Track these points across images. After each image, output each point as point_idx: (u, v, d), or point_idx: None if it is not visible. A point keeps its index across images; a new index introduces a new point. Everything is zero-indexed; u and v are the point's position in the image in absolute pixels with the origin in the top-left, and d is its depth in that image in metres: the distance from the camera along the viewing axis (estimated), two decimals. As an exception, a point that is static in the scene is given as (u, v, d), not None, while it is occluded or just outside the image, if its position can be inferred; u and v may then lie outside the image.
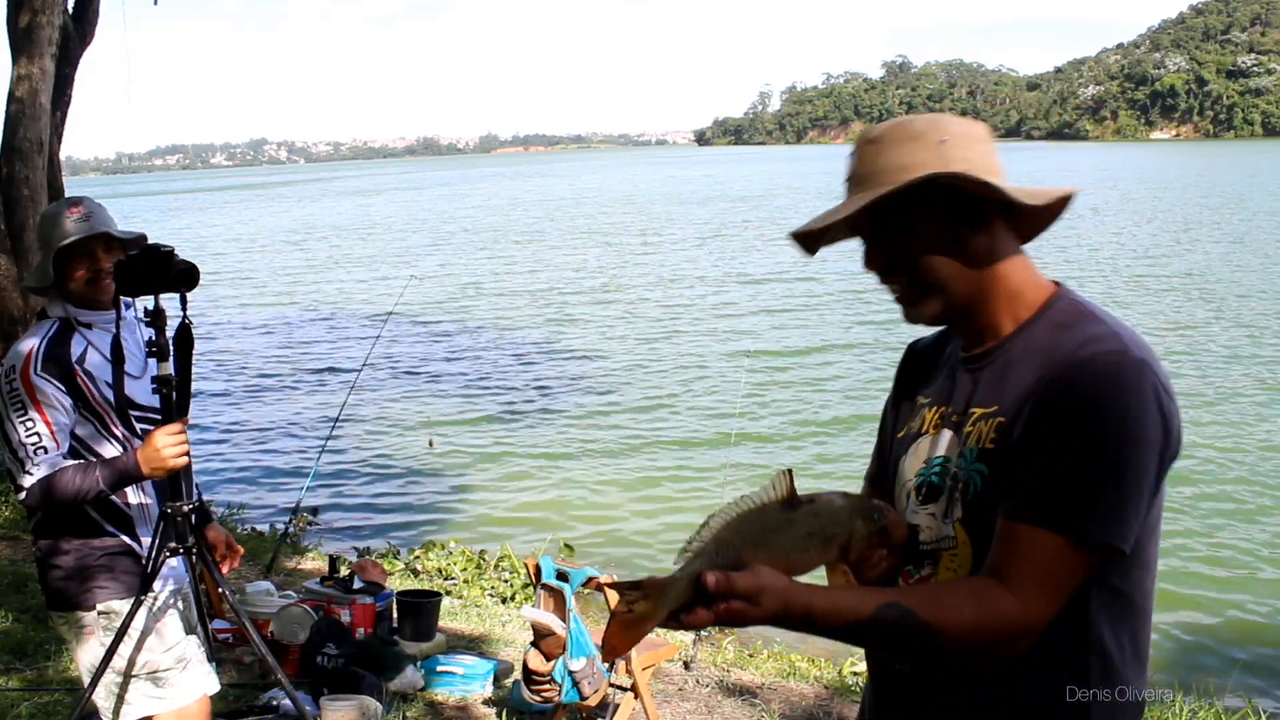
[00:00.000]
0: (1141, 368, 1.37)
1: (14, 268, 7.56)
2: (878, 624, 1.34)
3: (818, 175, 69.32)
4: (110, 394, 2.77)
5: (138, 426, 2.81)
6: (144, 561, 2.79)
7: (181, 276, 2.76)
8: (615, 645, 1.32)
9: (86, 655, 2.81)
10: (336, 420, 7.44)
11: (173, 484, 2.79)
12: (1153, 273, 22.05)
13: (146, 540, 2.81)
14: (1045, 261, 20.73)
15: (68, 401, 2.71)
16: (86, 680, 2.82)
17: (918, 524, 1.53)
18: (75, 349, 2.76)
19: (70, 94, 8.69)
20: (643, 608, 1.28)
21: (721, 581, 1.26)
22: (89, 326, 2.81)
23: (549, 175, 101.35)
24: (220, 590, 2.98)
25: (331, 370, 14.97)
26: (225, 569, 2.98)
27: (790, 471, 1.38)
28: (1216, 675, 6.04)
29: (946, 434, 1.52)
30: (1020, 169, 76.47)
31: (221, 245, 35.12)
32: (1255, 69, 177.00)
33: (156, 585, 2.78)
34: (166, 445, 2.68)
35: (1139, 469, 1.35)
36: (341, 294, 22.84)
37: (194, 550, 2.83)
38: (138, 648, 2.75)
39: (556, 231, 37.31)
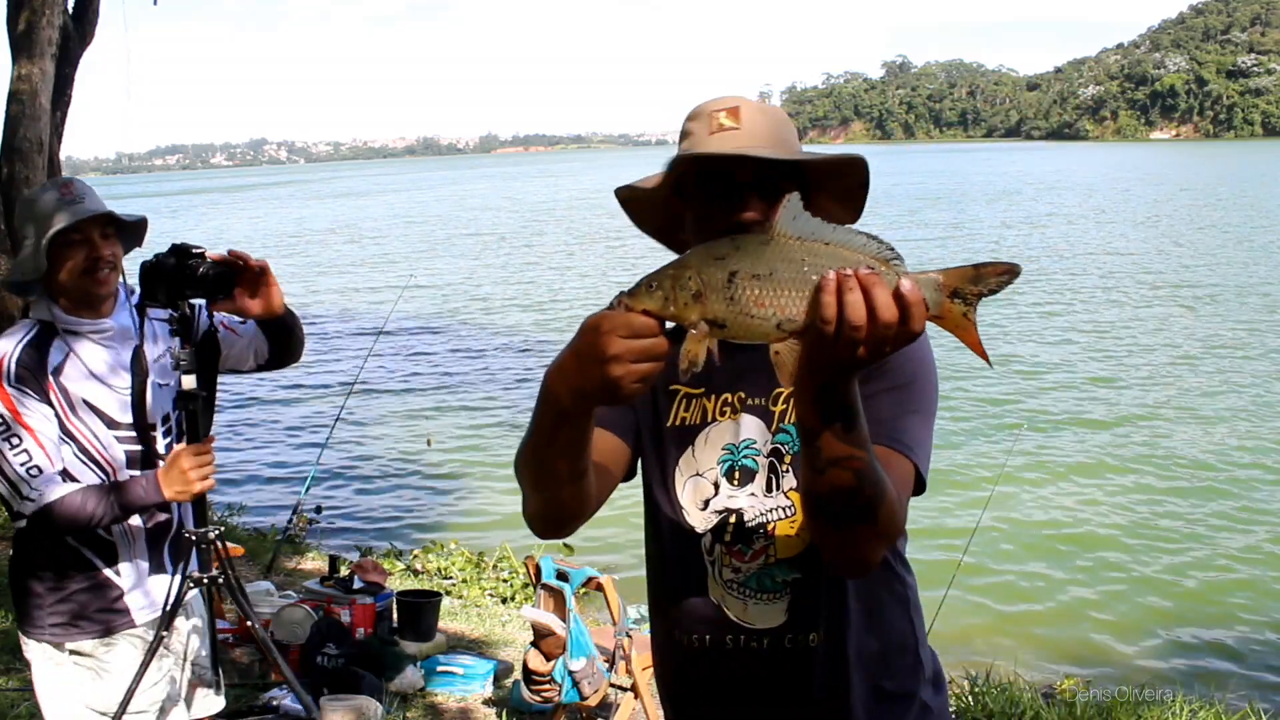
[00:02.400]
0: None
1: (14, 268, 7.55)
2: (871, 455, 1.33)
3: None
4: (89, 415, 2.44)
5: (122, 448, 2.49)
6: (120, 593, 2.54)
7: (217, 281, 2.50)
8: None
9: (48, 691, 2.58)
10: (336, 420, 7.43)
11: (196, 509, 2.57)
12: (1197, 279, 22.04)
13: (126, 568, 2.53)
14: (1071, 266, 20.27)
15: (49, 412, 2.38)
16: (46, 715, 2.61)
17: (739, 506, 1.60)
18: (53, 358, 2.41)
19: (70, 94, 8.68)
20: None
21: None
22: (74, 334, 2.46)
23: (550, 176, 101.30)
24: (250, 624, 2.75)
25: (331, 369, 14.96)
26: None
27: None
28: (1217, 675, 6.05)
29: (748, 419, 1.61)
30: (1021, 169, 76.41)
31: (221, 246, 35.03)
32: (1255, 69, 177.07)
33: (141, 620, 2.56)
34: (193, 467, 2.41)
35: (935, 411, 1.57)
36: (341, 294, 22.83)
37: (219, 580, 2.62)
38: (125, 698, 2.50)
39: (560, 233, 37.29)
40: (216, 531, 2.62)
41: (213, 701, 2.82)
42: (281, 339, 2.72)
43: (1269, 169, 64.87)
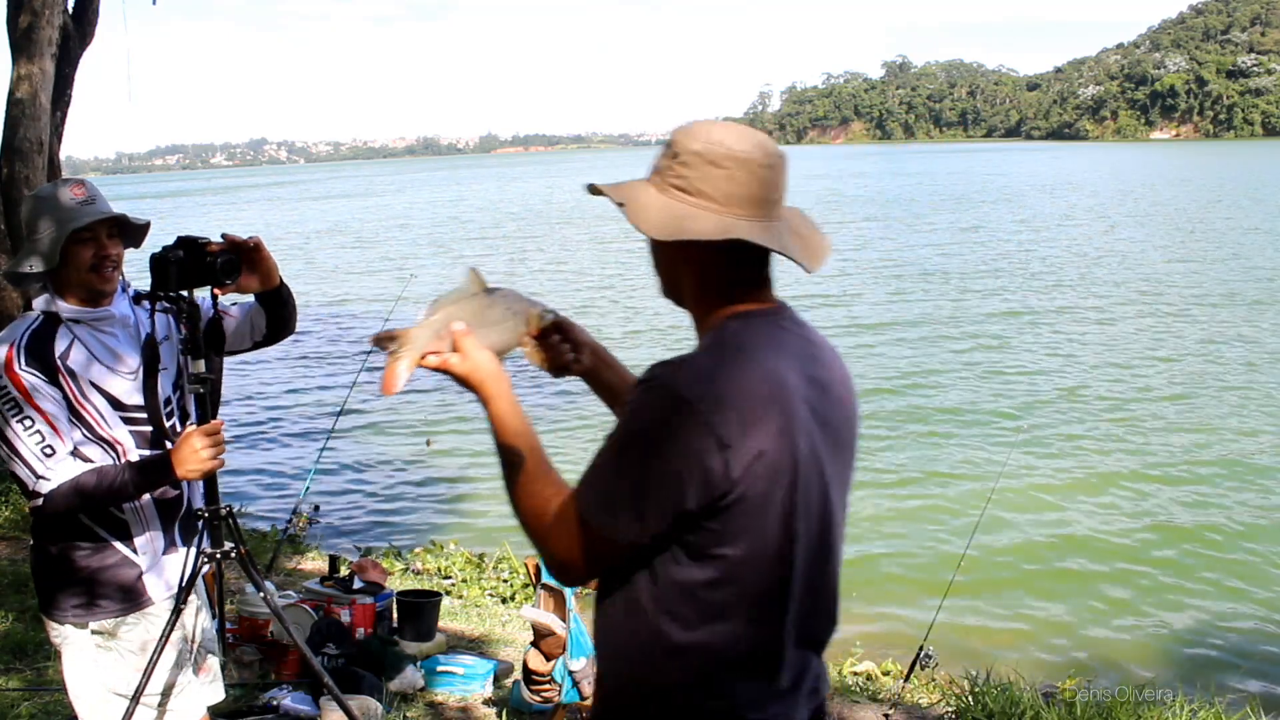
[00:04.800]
0: (670, 398, 1.53)
1: (14, 268, 7.55)
2: (512, 447, 1.66)
3: (847, 177, 69.13)
4: (96, 397, 2.55)
5: (127, 429, 2.60)
6: (139, 572, 2.63)
7: (225, 269, 2.62)
8: (388, 381, 1.68)
9: (74, 674, 2.65)
10: (337, 420, 7.43)
11: (208, 487, 2.69)
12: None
13: (143, 545, 2.64)
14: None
15: (58, 394, 2.49)
16: (72, 696, 2.66)
17: None
18: (59, 344, 2.53)
19: (70, 94, 8.70)
20: (402, 351, 1.68)
21: (459, 331, 1.69)
22: (78, 322, 2.58)
23: (551, 176, 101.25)
24: (262, 595, 2.87)
25: (332, 369, 14.97)
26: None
27: (476, 269, 1.76)
28: (1217, 674, 6.05)
29: None
30: (1028, 170, 76.43)
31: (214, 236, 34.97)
32: (1255, 69, 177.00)
33: (159, 598, 2.64)
34: (204, 446, 2.52)
35: (644, 478, 1.52)
36: (341, 292, 22.84)
37: (231, 555, 2.72)
38: (146, 671, 2.58)
39: (558, 233, 37.29)
40: (228, 507, 2.73)
41: (218, 688, 2.90)
42: (278, 310, 2.84)
43: (1273, 169, 64.86)
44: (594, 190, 1.72)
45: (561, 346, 1.90)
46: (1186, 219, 33.76)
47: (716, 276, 1.65)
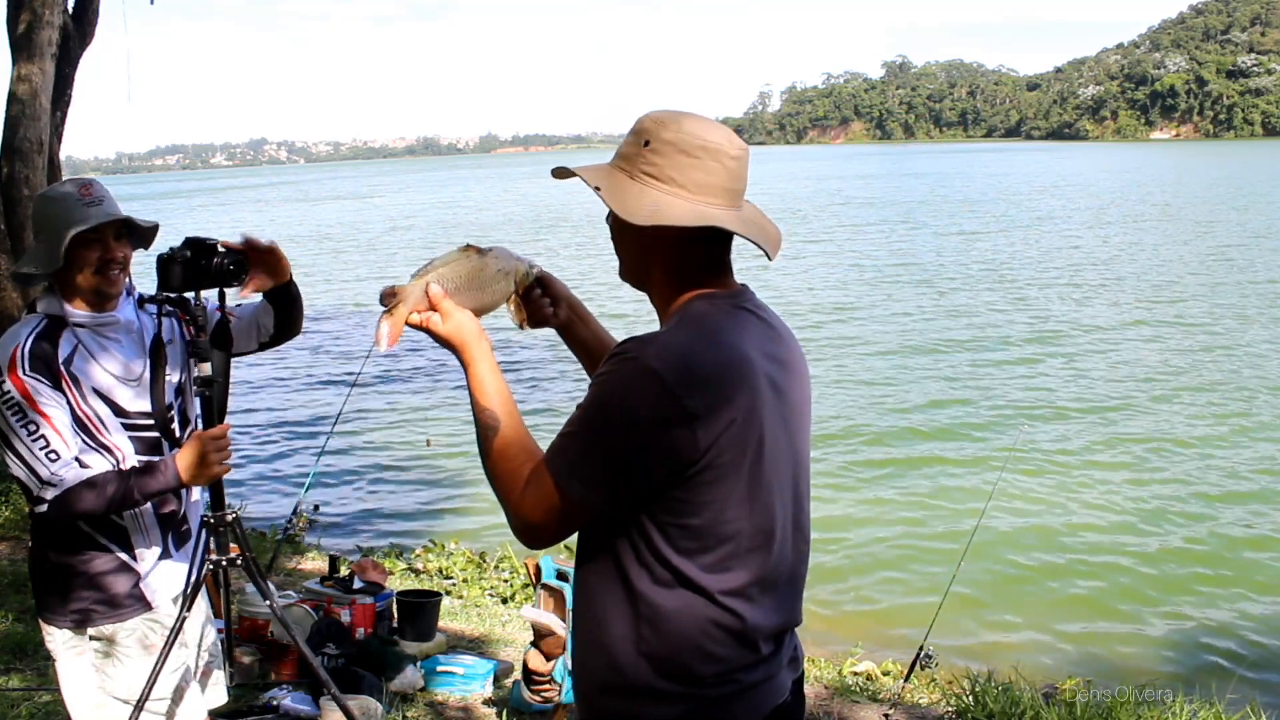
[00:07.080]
0: (641, 371, 1.57)
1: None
2: (490, 411, 1.68)
3: (854, 179, 68.96)
4: (99, 403, 2.51)
5: (127, 435, 2.55)
6: (137, 578, 2.61)
7: (234, 271, 2.59)
8: (377, 336, 1.73)
9: (70, 679, 2.62)
10: (337, 420, 7.43)
11: (214, 492, 2.66)
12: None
13: (142, 552, 2.60)
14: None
15: (62, 399, 2.45)
16: (68, 701, 2.63)
17: None
18: (63, 348, 2.49)
19: (70, 94, 8.69)
20: (399, 309, 1.73)
21: (436, 294, 1.73)
22: (82, 326, 2.54)
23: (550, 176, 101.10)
24: (269, 603, 2.85)
25: (332, 369, 14.97)
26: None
27: (470, 243, 1.82)
28: (1217, 675, 6.04)
29: None
30: (1023, 169, 76.40)
31: (234, 235, 34.95)
32: (1255, 69, 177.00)
33: (158, 604, 2.63)
34: (211, 451, 2.47)
35: (614, 447, 1.57)
36: (341, 292, 22.84)
37: (237, 561, 2.70)
38: (150, 679, 2.56)
39: (557, 233, 37.28)
40: (233, 512, 2.70)
41: (220, 692, 2.89)
42: (286, 309, 2.81)
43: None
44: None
45: (542, 301, 1.95)
46: (1188, 221, 33.75)
47: (684, 262, 1.70)
